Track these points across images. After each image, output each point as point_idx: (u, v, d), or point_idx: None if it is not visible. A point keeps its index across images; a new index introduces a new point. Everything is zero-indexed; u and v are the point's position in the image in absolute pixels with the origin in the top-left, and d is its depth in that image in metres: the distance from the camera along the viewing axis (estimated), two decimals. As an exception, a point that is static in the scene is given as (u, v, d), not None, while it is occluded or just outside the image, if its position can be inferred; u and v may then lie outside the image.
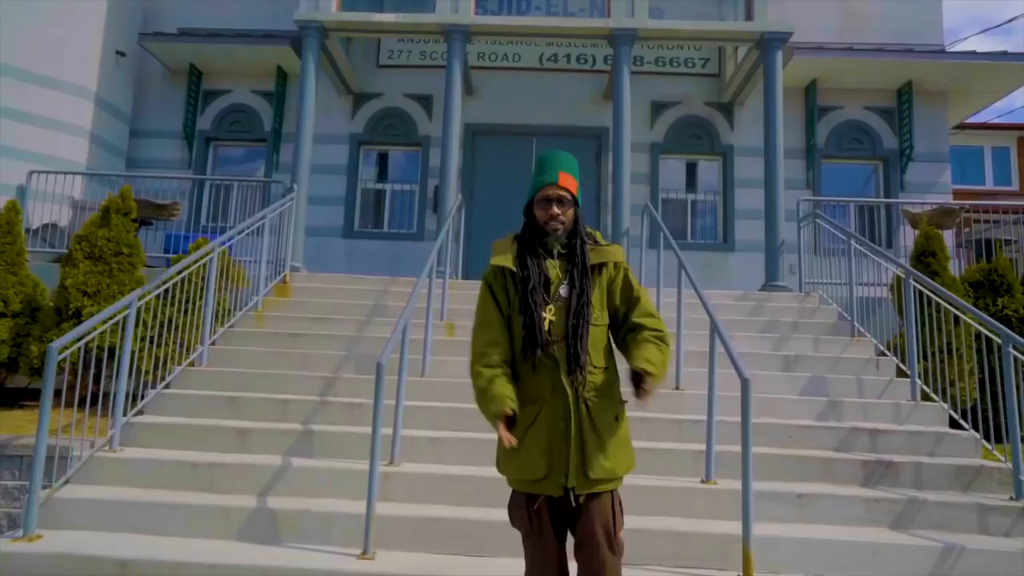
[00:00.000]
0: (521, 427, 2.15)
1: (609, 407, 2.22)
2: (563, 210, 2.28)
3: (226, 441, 4.44)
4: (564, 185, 2.28)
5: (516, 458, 2.17)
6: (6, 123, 8.14)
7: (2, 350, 5.95)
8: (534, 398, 2.18)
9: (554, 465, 2.12)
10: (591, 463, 2.12)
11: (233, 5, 10.26)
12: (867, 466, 4.33)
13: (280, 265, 7.40)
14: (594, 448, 2.13)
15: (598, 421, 2.16)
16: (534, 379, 2.20)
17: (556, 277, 2.26)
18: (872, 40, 9.91)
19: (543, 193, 2.29)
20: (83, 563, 3.34)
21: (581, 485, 2.12)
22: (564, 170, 2.30)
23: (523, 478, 2.19)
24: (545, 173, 2.31)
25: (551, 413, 2.15)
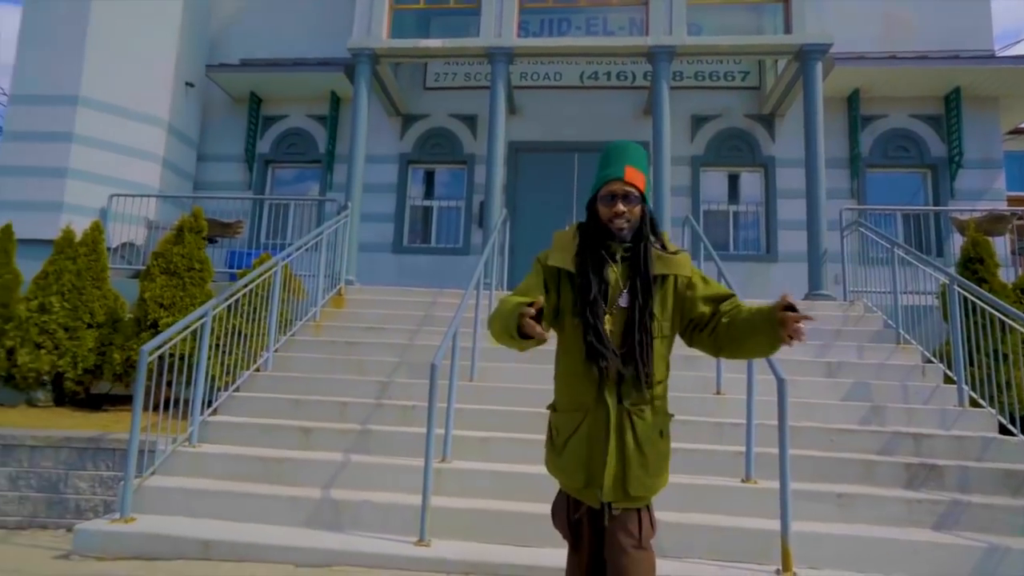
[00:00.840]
0: (564, 433, 2.07)
1: (656, 422, 2.05)
2: (629, 208, 2.05)
3: (291, 439, 4.80)
4: (631, 180, 2.04)
5: (559, 463, 2.09)
6: (89, 151, 8.88)
7: (89, 358, 6.48)
8: (578, 405, 2.05)
9: (593, 477, 2.00)
10: (631, 479, 1.98)
11: (290, 35, 10.91)
12: (910, 469, 4.39)
13: (335, 279, 7.82)
14: (636, 464, 1.99)
15: (643, 436, 2.01)
16: (582, 385, 2.04)
17: (616, 284, 2.06)
18: (916, 47, 9.85)
19: (607, 188, 2.06)
20: (172, 542, 3.72)
21: (619, 500, 1.99)
22: (631, 164, 2.06)
23: (567, 486, 2.10)
24: (610, 166, 2.07)
25: (594, 423, 2.02)
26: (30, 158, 8.76)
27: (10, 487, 4.68)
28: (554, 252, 2.14)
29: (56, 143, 8.76)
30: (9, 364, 6.34)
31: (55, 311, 6.45)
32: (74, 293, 6.60)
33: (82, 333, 6.51)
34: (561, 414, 2.11)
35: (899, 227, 9.70)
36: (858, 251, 7.82)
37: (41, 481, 4.66)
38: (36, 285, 6.59)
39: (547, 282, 2.11)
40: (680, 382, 5.46)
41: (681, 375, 5.56)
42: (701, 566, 3.62)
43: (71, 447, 4.67)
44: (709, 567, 3.60)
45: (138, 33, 9.41)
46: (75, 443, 4.68)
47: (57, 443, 4.67)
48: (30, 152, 8.77)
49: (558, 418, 2.12)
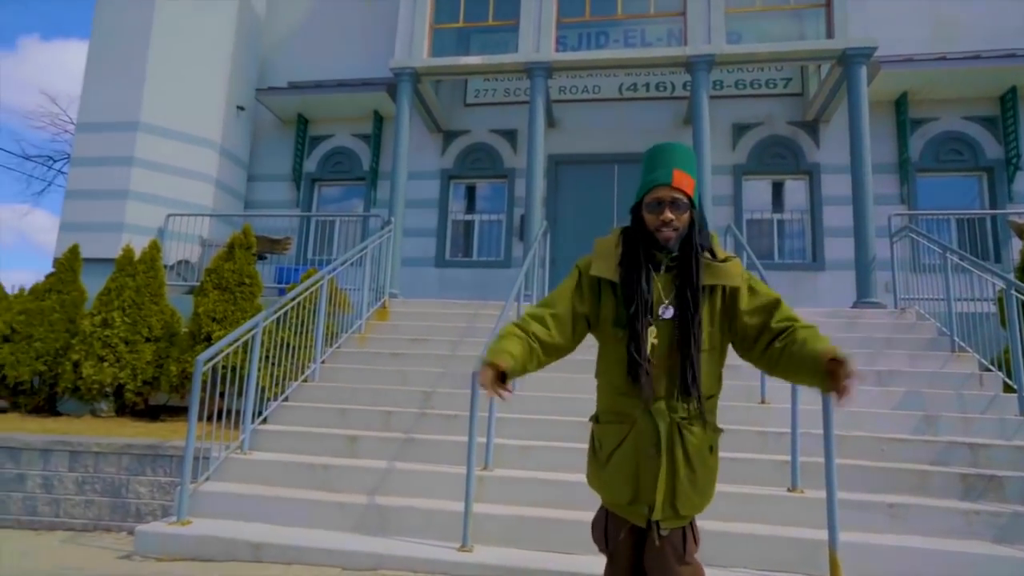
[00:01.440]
0: (609, 446, 1.98)
1: (706, 437, 1.94)
2: (677, 215, 1.93)
3: (338, 446, 4.92)
4: (679, 186, 1.92)
5: (602, 477, 2.00)
6: (148, 174, 9.34)
7: (147, 370, 6.79)
8: (623, 417, 1.96)
9: (640, 493, 1.92)
10: (681, 497, 1.89)
11: (335, 58, 11.28)
12: (967, 480, 4.23)
13: (379, 292, 8.01)
14: (687, 481, 1.90)
15: (693, 452, 1.91)
16: (625, 397, 1.95)
17: (659, 294, 1.96)
18: (967, 48, 9.56)
19: (653, 195, 1.95)
20: (225, 544, 3.86)
21: (668, 519, 1.90)
22: (680, 167, 1.93)
23: (610, 500, 2.02)
24: (657, 170, 1.95)
25: (641, 436, 1.92)
26: (95, 182, 9.27)
27: (77, 491, 4.93)
28: (596, 260, 2.05)
29: (118, 167, 9.25)
30: (75, 376, 6.69)
31: (117, 326, 6.79)
32: (134, 308, 6.93)
33: (141, 346, 6.83)
34: (605, 426, 2.02)
35: (953, 233, 9.38)
36: (909, 258, 7.59)
37: (105, 486, 4.90)
38: (99, 301, 6.95)
39: (586, 290, 2.05)
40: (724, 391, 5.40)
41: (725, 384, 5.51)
42: (746, 574, 3.56)
43: (131, 454, 4.90)
44: None
45: (193, 61, 9.90)
46: (135, 450, 4.91)
47: (119, 450, 4.91)
48: (95, 176, 9.29)
49: (601, 430, 2.03)
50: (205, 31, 10.09)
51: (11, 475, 5.04)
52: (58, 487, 4.95)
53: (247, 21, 10.92)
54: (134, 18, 9.64)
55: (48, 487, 4.97)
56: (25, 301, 7.16)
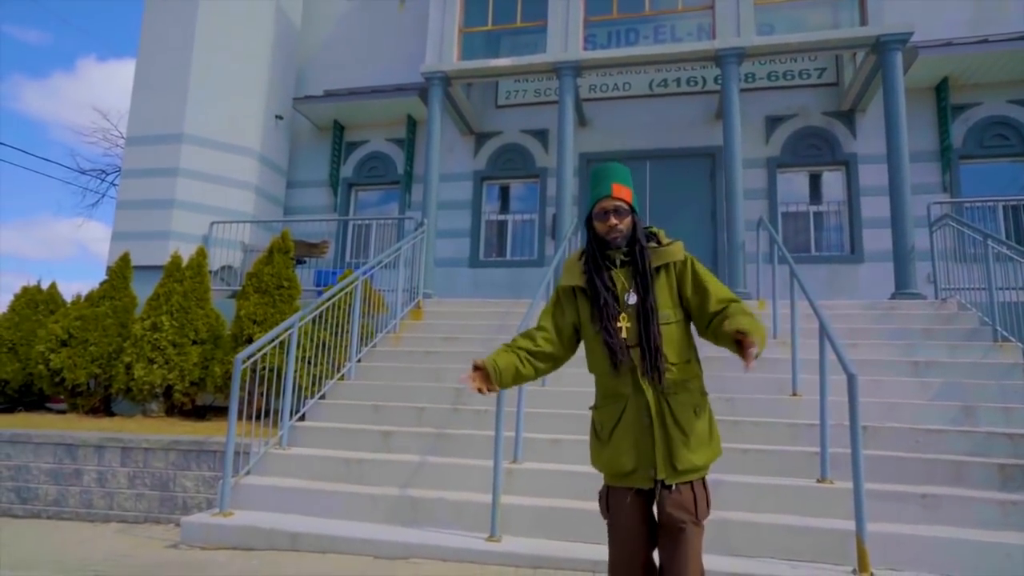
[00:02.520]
0: (608, 425, 2.28)
1: (688, 401, 2.25)
2: (620, 219, 2.33)
3: (372, 442, 5.08)
4: (618, 196, 2.33)
5: (605, 453, 2.28)
6: (192, 183, 9.74)
7: (194, 372, 7.08)
8: (617, 397, 2.28)
9: (641, 459, 2.20)
10: (677, 456, 2.18)
11: (368, 64, 11.55)
12: (1005, 470, 4.12)
13: (414, 293, 8.19)
14: (679, 442, 2.19)
15: (679, 415, 2.21)
16: (616, 380, 2.28)
17: (623, 285, 2.32)
18: (1012, 29, 9.23)
19: (600, 206, 2.35)
20: (265, 534, 4.05)
21: (670, 476, 2.18)
22: (617, 181, 2.36)
23: (613, 472, 2.28)
24: (599, 186, 2.38)
25: (635, 410, 2.23)
26: (143, 192, 9.71)
27: (129, 485, 5.22)
28: (565, 275, 2.45)
29: (164, 177, 9.67)
30: (127, 378, 7.03)
31: (165, 329, 7.10)
32: (181, 313, 7.24)
33: (188, 349, 7.13)
34: (602, 409, 2.34)
35: (1000, 221, 9.06)
36: (950, 247, 7.38)
37: (154, 480, 5.17)
38: (149, 306, 7.28)
39: (565, 302, 2.43)
40: (754, 384, 5.40)
41: (756, 376, 5.50)
42: (773, 564, 3.56)
43: (178, 450, 5.15)
44: (781, 565, 3.54)
45: (233, 73, 10.27)
46: (181, 446, 5.16)
47: (166, 446, 5.17)
48: (143, 187, 9.72)
49: (600, 413, 2.36)
50: (244, 44, 10.46)
51: (69, 471, 5.35)
52: (111, 481, 5.24)
53: (283, 32, 11.27)
54: (178, 33, 10.06)
55: (102, 481, 5.26)
56: (81, 308, 7.55)
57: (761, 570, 3.47)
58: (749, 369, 2.05)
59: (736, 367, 5.62)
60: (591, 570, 3.61)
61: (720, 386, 5.34)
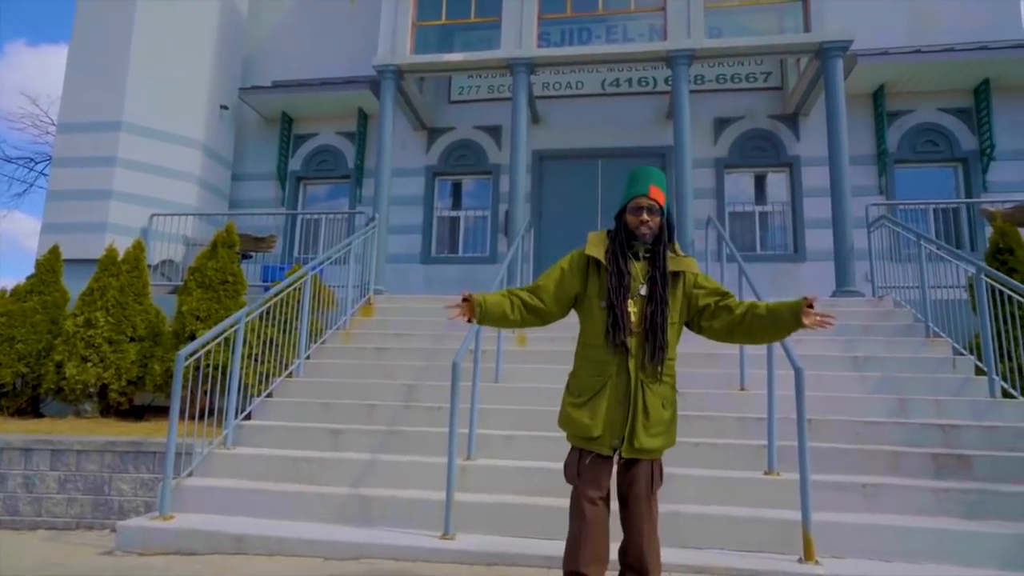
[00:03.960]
0: (588, 393, 2.56)
1: (661, 392, 2.56)
2: (652, 218, 2.59)
3: (321, 440, 4.95)
4: (654, 196, 2.60)
5: (576, 417, 2.57)
6: (131, 174, 9.31)
7: (131, 370, 6.77)
8: (602, 373, 2.55)
9: (607, 429, 2.53)
10: (637, 436, 2.50)
11: (319, 56, 11.28)
12: (938, 459, 4.32)
13: (364, 289, 8.04)
14: (641, 426, 2.50)
15: (650, 404, 2.52)
16: (606, 358, 2.54)
17: (638, 277, 2.59)
18: (943, 41, 9.70)
19: (635, 202, 2.61)
20: (208, 537, 3.89)
21: (627, 451, 2.53)
22: (655, 183, 2.63)
23: (579, 435, 2.58)
24: (638, 184, 2.63)
25: (614, 388, 2.52)
26: (77, 182, 9.22)
27: (59, 490, 4.93)
28: (590, 245, 2.68)
29: (100, 167, 9.21)
30: (58, 377, 6.66)
31: (100, 326, 6.76)
32: (118, 308, 6.90)
33: (125, 346, 6.81)
34: (585, 379, 2.61)
35: (931, 222, 9.52)
36: (886, 247, 7.71)
37: (87, 484, 4.90)
38: (82, 301, 6.91)
39: (577, 269, 2.67)
40: (704, 379, 5.51)
41: (706, 372, 5.62)
42: (724, 555, 3.63)
43: (114, 451, 4.90)
44: (731, 556, 3.61)
45: (175, 60, 9.86)
46: (118, 447, 4.91)
47: (101, 447, 4.91)
48: (77, 177, 9.24)
49: (580, 382, 2.62)
50: (187, 30, 10.06)
51: (-7, 475, 5.03)
52: (39, 486, 4.95)
53: (229, 20, 10.89)
54: (115, 19, 9.60)
55: (29, 486, 4.97)
56: (6, 303, 7.11)
57: (712, 561, 3.53)
58: (814, 323, 2.40)
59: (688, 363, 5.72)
60: (546, 566, 3.60)
61: (672, 381, 5.42)
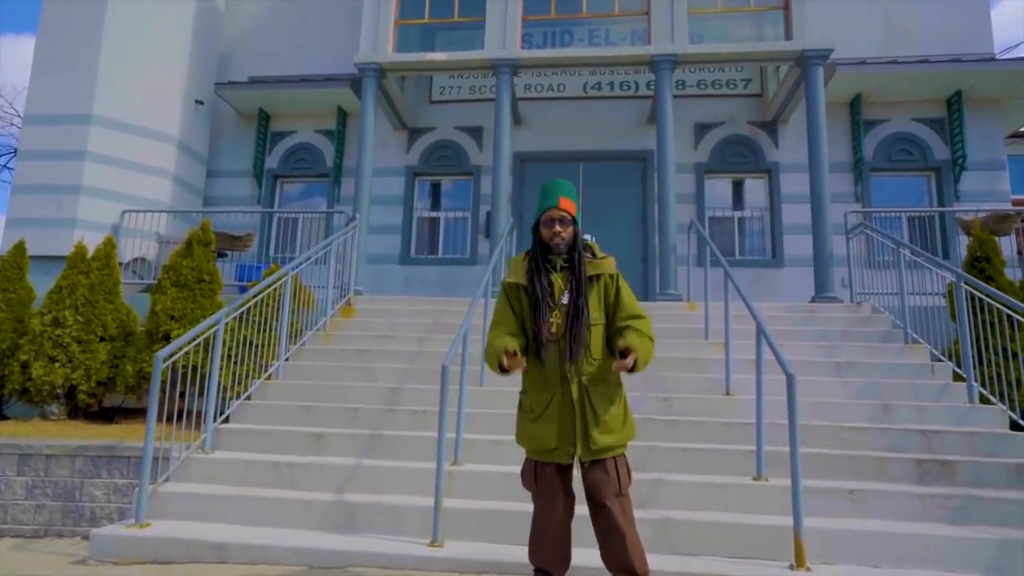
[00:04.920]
0: (538, 409, 2.68)
1: (606, 392, 2.68)
2: (564, 228, 2.73)
3: (303, 444, 4.83)
4: (564, 208, 2.73)
5: (532, 433, 2.70)
6: (102, 168, 9.03)
7: (101, 371, 6.55)
8: (547, 387, 2.68)
9: (563, 439, 2.62)
10: (592, 437, 2.60)
11: (298, 53, 11.10)
12: (922, 465, 4.37)
13: (344, 289, 7.89)
14: (593, 425, 2.61)
15: (596, 404, 2.63)
16: (545, 373, 2.68)
17: (559, 287, 2.72)
18: (917, 52, 9.92)
19: (547, 215, 2.75)
20: (186, 546, 3.74)
21: (585, 454, 2.62)
22: (564, 195, 2.77)
23: (537, 448, 2.69)
24: (549, 198, 2.77)
25: (562, 398, 2.65)
26: (44, 176, 8.91)
27: (27, 496, 4.73)
28: (510, 273, 2.83)
29: (69, 161, 8.92)
30: (24, 378, 6.42)
31: (69, 325, 6.53)
32: (87, 307, 6.68)
33: (95, 346, 6.59)
34: (533, 395, 2.74)
35: (904, 230, 9.71)
36: (864, 254, 7.83)
37: (57, 490, 4.71)
38: (50, 299, 6.68)
39: (512, 297, 2.80)
40: (690, 384, 5.52)
41: (691, 377, 5.63)
42: (715, 562, 3.60)
43: (86, 456, 4.72)
44: (723, 562, 3.59)
45: (149, 53, 9.60)
46: (90, 452, 4.73)
47: (72, 452, 4.72)
48: (44, 171, 8.93)
49: (531, 399, 2.75)
50: (161, 23, 9.81)
51: (-46, 481, 4.81)
52: (6, 492, 4.75)
53: (206, 14, 10.65)
54: (85, 7, 9.30)
55: (-5, 492, 4.76)
56: (-32, 300, 6.83)
57: (704, 568, 3.51)
58: (615, 369, 2.60)
59: (673, 368, 5.76)
60: (535, 573, 3.54)
61: (658, 386, 5.43)
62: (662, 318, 6.65)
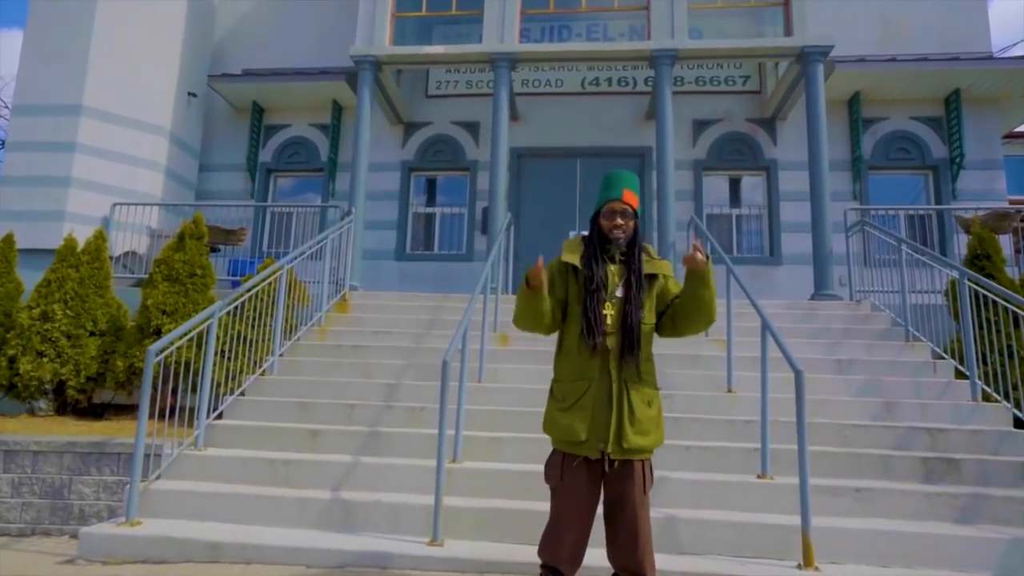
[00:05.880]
0: (572, 398, 2.55)
1: (644, 392, 2.56)
2: (625, 222, 2.62)
3: (299, 441, 4.73)
4: (627, 201, 2.63)
5: (563, 422, 2.55)
6: (92, 160, 8.87)
7: (91, 366, 6.41)
8: (584, 376, 2.54)
9: (594, 433, 2.49)
10: (625, 436, 2.48)
11: (292, 45, 10.96)
12: (927, 463, 4.32)
13: (339, 285, 7.78)
14: (628, 425, 2.49)
15: (634, 403, 2.51)
16: (587, 361, 2.55)
17: (613, 280, 2.61)
18: (916, 51, 9.90)
19: (609, 206, 2.64)
20: (179, 545, 3.64)
21: (616, 452, 2.49)
22: (628, 187, 2.66)
23: (565, 439, 2.54)
24: (612, 189, 2.66)
25: (598, 390, 2.52)
26: (33, 168, 8.75)
27: (13, 493, 4.61)
28: (565, 252, 2.72)
29: (59, 153, 8.75)
30: (11, 373, 6.28)
31: (58, 319, 6.39)
32: (77, 301, 6.54)
33: (85, 341, 6.45)
34: (568, 384, 2.59)
35: (902, 228, 9.68)
36: (863, 251, 7.79)
37: (44, 487, 4.59)
38: (38, 293, 6.53)
39: (557, 278, 2.68)
40: (691, 381, 5.45)
41: (692, 374, 5.56)
42: (723, 561, 3.54)
43: (74, 452, 4.59)
44: (730, 562, 3.52)
45: (141, 44, 9.44)
46: (79, 448, 4.61)
47: (60, 448, 4.60)
48: (33, 162, 8.76)
49: (564, 387, 2.61)
50: (154, 13, 9.65)
51: (-62, 478, 4.67)
52: (-8, 489, 4.61)
53: (199, 5, 10.49)
54: (75, 0, 9.14)
55: (-20, 490, 4.62)
56: (-46, 293, 6.68)
57: (711, 568, 3.44)
58: (693, 251, 2.51)
59: (674, 365, 5.69)
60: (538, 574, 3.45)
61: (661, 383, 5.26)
62: (662, 315, 6.57)
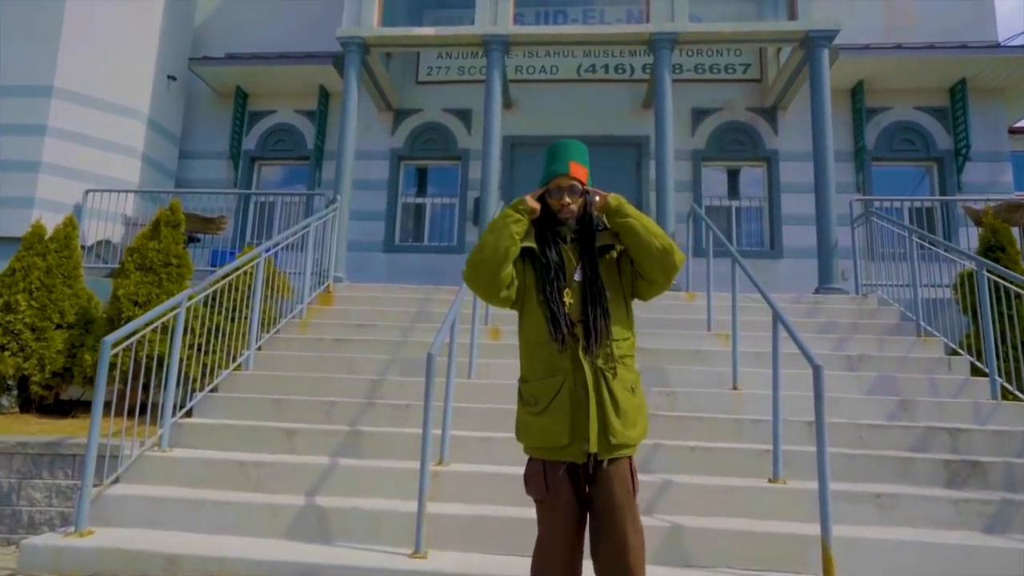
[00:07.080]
0: (545, 398, 2.21)
1: (626, 377, 2.25)
2: (574, 199, 2.36)
3: (273, 442, 4.38)
4: (575, 175, 2.36)
5: (539, 426, 2.22)
6: (64, 144, 8.44)
7: (57, 360, 6.03)
8: (555, 371, 2.23)
9: (576, 433, 2.17)
10: (612, 430, 2.17)
11: (279, 29, 10.55)
12: (950, 466, 4.02)
13: (323, 276, 7.42)
14: (614, 417, 2.18)
15: (616, 391, 2.20)
16: (551, 356, 2.24)
17: (571, 263, 2.34)
18: (921, 39, 9.61)
19: (555, 183, 2.36)
20: (132, 558, 3.28)
21: (603, 450, 2.17)
22: (574, 159, 2.37)
23: (546, 445, 2.21)
24: (556, 163, 2.38)
25: (572, 385, 2.20)
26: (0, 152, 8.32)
27: (-43, 498, 4.23)
28: None
29: (29, 136, 8.32)
30: (-30, 367, 5.89)
31: (22, 310, 6.00)
32: (43, 291, 6.15)
33: (50, 334, 6.07)
34: (537, 383, 2.26)
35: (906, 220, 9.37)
36: (868, 244, 7.49)
37: (-8, 491, 4.21)
38: (1, 283, 6.14)
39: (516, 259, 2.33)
40: (693, 378, 5.13)
41: (695, 370, 5.24)
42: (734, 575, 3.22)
43: (25, 454, 4.22)
44: (742, 577, 3.21)
45: (117, 23, 9.02)
46: (30, 449, 4.23)
47: (9, 449, 4.22)
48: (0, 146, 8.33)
49: (534, 387, 2.26)
50: (131, -8, 9.22)
51: None
52: (-67, 493, 4.23)
53: (179, -16, 10.07)
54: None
55: (-80, 494, 4.24)
56: (-90, 283, 6.27)
57: (723, 583, 3.12)
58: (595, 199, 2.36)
59: (674, 360, 5.37)
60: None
61: (661, 379, 5.05)
62: (660, 308, 6.27)
